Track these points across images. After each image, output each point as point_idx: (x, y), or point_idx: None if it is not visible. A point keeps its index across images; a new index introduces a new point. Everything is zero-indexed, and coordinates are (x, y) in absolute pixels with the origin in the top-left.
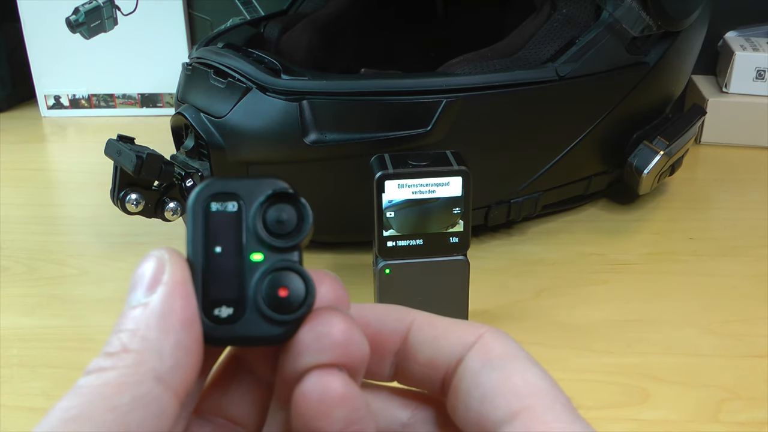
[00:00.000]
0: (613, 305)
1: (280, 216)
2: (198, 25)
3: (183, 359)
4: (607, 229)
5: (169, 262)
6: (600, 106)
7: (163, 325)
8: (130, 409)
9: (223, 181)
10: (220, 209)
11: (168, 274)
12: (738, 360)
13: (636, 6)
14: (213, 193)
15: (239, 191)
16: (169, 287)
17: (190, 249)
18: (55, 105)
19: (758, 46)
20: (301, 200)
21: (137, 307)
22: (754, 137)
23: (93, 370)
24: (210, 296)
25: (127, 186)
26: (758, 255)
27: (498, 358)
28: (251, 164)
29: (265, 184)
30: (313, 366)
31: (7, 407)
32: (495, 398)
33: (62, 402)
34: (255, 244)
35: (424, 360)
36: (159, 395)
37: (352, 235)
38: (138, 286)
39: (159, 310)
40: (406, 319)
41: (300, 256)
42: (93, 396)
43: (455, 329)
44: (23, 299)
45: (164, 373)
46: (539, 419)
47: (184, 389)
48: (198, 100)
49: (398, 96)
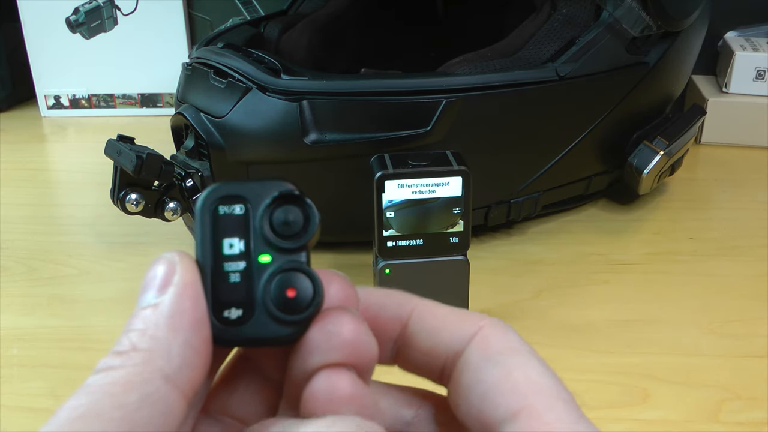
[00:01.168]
0: (613, 305)
1: (286, 217)
2: (198, 25)
3: (191, 359)
4: (607, 229)
5: (180, 264)
6: (600, 106)
7: (172, 325)
8: (138, 408)
9: (229, 184)
10: (227, 212)
11: (178, 276)
12: (738, 360)
13: (636, 6)
14: (220, 196)
15: (246, 194)
16: (179, 288)
17: (199, 252)
18: (55, 105)
19: (758, 46)
20: (307, 201)
21: (147, 308)
22: (754, 137)
23: (101, 369)
24: (219, 298)
25: (127, 186)
26: (758, 255)
27: (498, 352)
28: (251, 164)
29: (271, 187)
30: (322, 365)
31: (7, 407)
32: (496, 396)
33: (70, 401)
34: (262, 245)
35: (424, 349)
36: (166, 394)
37: (352, 235)
38: (149, 288)
39: (169, 310)
40: (407, 306)
41: (308, 256)
42: (100, 394)
43: (455, 320)
44: (23, 299)
45: (172, 372)
46: (541, 419)
47: (192, 389)
48: (198, 100)
49: (398, 96)
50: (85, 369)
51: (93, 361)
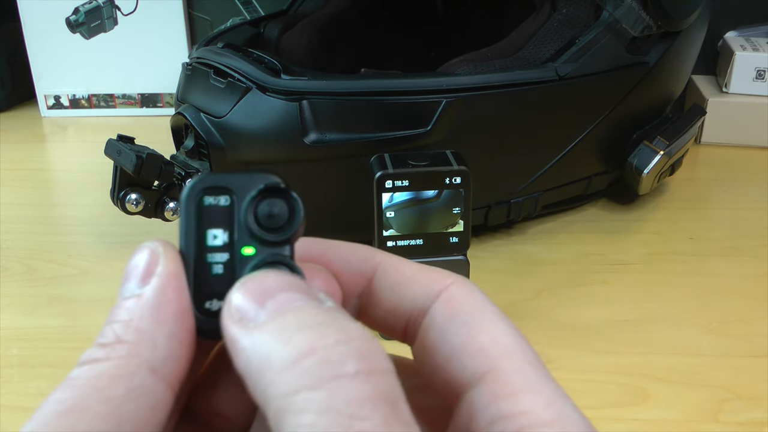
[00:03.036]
0: (612, 305)
1: (271, 210)
2: (198, 25)
3: (176, 350)
4: (607, 229)
5: (163, 254)
6: (600, 106)
7: (156, 316)
8: (125, 401)
9: (216, 175)
10: (212, 203)
11: (162, 266)
12: (738, 360)
13: (636, 6)
14: (206, 186)
15: (232, 185)
16: (162, 279)
17: (183, 242)
18: (55, 105)
19: (758, 46)
20: (292, 195)
21: (130, 299)
22: (754, 137)
23: (86, 362)
24: (201, 289)
25: (127, 186)
26: (758, 255)
27: (465, 312)
28: (251, 164)
29: (257, 179)
30: None
31: (7, 407)
32: (462, 358)
33: (55, 394)
34: (246, 237)
35: (388, 306)
36: (153, 386)
37: (352, 235)
38: (131, 277)
39: (152, 301)
40: (372, 261)
41: (291, 250)
42: (86, 388)
43: (420, 277)
44: (23, 299)
45: (158, 364)
46: (508, 381)
47: (178, 381)
48: (198, 100)
49: (398, 96)
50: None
51: None
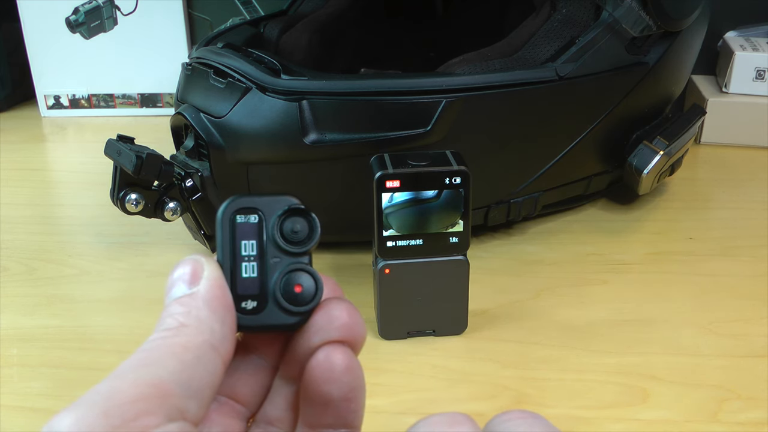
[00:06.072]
0: (612, 305)
1: (294, 227)
2: (198, 25)
3: (228, 334)
4: (607, 229)
5: (206, 263)
6: (600, 106)
7: (210, 307)
8: (194, 365)
9: (245, 197)
10: (243, 221)
11: (207, 271)
12: (738, 360)
13: (636, 6)
14: (238, 208)
15: (260, 206)
16: (210, 280)
17: (220, 253)
18: (54, 105)
19: (758, 46)
20: (311, 214)
21: (183, 297)
22: (754, 137)
23: (156, 338)
24: (237, 291)
25: (127, 186)
26: (758, 255)
27: None
28: (251, 164)
29: (281, 201)
30: (324, 342)
31: (7, 407)
32: None
33: (136, 354)
34: (273, 249)
35: None
36: (214, 359)
37: (352, 235)
38: (179, 282)
39: (206, 295)
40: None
41: (310, 259)
42: (164, 350)
43: None
44: (23, 299)
45: (217, 342)
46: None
47: (228, 359)
48: (198, 100)
49: (398, 96)
50: (85, 369)
51: (93, 361)
